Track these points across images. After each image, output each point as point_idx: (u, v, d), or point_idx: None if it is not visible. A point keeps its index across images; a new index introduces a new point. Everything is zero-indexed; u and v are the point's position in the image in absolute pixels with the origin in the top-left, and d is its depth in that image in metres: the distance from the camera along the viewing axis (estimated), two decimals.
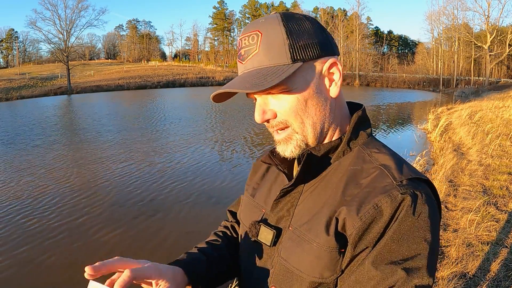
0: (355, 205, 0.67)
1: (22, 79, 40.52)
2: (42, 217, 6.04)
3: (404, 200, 0.64)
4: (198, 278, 0.86)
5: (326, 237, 0.68)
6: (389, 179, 0.67)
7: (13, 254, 4.89)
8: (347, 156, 0.75)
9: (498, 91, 30.07)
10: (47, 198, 6.92)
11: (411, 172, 0.70)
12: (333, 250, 0.67)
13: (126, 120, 17.52)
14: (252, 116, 9.75)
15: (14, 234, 5.45)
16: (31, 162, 9.62)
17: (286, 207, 0.78)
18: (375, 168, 0.71)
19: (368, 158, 0.73)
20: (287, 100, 0.72)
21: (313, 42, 0.71)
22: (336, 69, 0.73)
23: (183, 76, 48.37)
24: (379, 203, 0.65)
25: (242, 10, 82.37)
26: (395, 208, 0.64)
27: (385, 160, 0.72)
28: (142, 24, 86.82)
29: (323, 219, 0.70)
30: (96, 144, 11.83)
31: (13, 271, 4.49)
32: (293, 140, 0.74)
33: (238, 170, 8.69)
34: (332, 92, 0.74)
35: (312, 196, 0.75)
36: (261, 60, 0.70)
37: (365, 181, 0.70)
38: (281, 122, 0.74)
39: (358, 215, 0.65)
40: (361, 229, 0.65)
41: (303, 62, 0.70)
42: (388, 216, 0.64)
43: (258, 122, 0.75)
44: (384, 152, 0.75)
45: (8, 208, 6.46)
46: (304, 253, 0.71)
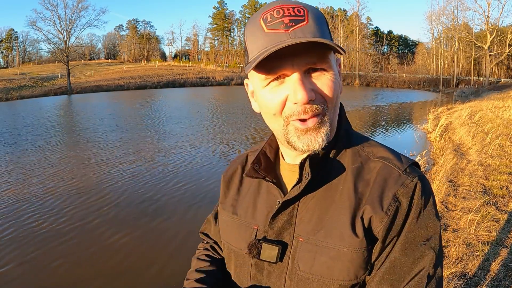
0: (376, 201, 0.67)
1: (22, 79, 40.51)
2: (53, 219, 5.99)
3: (416, 186, 0.68)
4: None
5: (356, 239, 0.67)
6: (395, 170, 0.70)
7: (25, 258, 4.85)
8: (342, 155, 0.74)
9: (498, 91, 30.05)
10: (56, 199, 6.89)
11: (406, 158, 0.73)
12: (365, 250, 0.67)
13: (131, 120, 17.52)
14: (259, 116, 9.58)
15: (24, 238, 5.38)
16: (37, 162, 9.59)
17: (284, 218, 0.74)
18: (376, 162, 0.72)
19: (363, 153, 0.74)
20: (330, 81, 0.68)
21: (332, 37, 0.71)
22: (341, 64, 0.72)
23: (183, 76, 48.35)
24: (397, 195, 0.67)
25: (242, 10, 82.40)
26: (411, 195, 0.67)
27: (379, 152, 0.74)
28: (142, 24, 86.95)
29: (342, 222, 0.68)
30: (102, 144, 11.79)
31: (24, 275, 4.46)
32: (325, 128, 0.68)
33: None
34: (341, 85, 0.74)
35: (314, 201, 0.72)
36: (313, 32, 0.65)
37: (372, 176, 0.70)
38: (321, 102, 0.68)
39: (383, 211, 0.66)
40: (388, 223, 0.67)
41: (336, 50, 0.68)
42: (406, 204, 0.67)
43: (303, 101, 0.65)
44: (374, 144, 0.76)
45: (17, 209, 6.43)
46: (331, 260, 0.68)
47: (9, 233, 5.48)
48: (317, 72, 0.68)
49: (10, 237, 5.38)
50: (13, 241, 5.24)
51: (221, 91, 37.42)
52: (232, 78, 48.92)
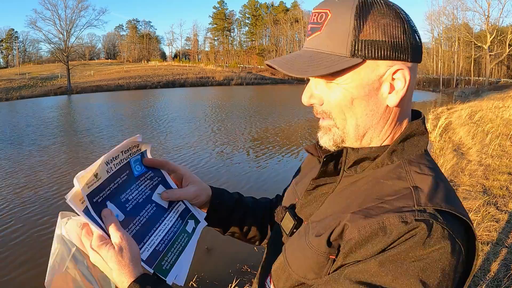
0: (361, 215, 0.61)
1: (22, 79, 40.50)
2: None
3: (416, 228, 0.55)
4: (219, 207, 0.92)
5: (317, 239, 0.65)
6: (411, 202, 0.59)
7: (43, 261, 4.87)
8: (384, 168, 0.68)
9: (498, 91, 30.06)
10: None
11: (445, 203, 0.59)
12: (321, 254, 0.63)
13: (136, 120, 17.54)
14: (261, 115, 9.69)
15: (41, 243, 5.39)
16: (45, 163, 9.60)
17: (315, 202, 0.74)
18: (406, 189, 0.62)
19: (404, 176, 0.65)
20: (335, 93, 0.66)
21: (386, 40, 0.62)
22: (402, 77, 0.64)
23: (183, 76, 48.35)
24: (385, 221, 0.57)
25: (242, 10, 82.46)
26: (402, 233, 0.55)
27: (421, 182, 0.63)
28: (142, 24, 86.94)
29: (328, 222, 0.66)
30: (111, 144, 11.77)
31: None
32: (331, 132, 0.70)
33: (262, 171, 8.68)
34: (390, 101, 0.66)
35: (336, 198, 0.71)
36: (320, 43, 0.65)
37: (387, 198, 0.62)
38: (325, 112, 0.69)
39: (358, 226, 0.59)
40: (357, 241, 0.59)
41: (364, 59, 0.63)
42: (391, 238, 0.56)
43: (303, 103, 0.71)
44: (427, 174, 0.65)
45: (34, 211, 6.44)
46: (298, 249, 0.69)
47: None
48: (331, 83, 0.66)
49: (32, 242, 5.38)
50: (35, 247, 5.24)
51: (222, 91, 37.44)
52: (232, 78, 48.93)
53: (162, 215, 0.79)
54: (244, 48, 79.80)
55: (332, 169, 0.72)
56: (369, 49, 0.62)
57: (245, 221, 0.96)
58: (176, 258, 0.76)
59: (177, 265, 0.75)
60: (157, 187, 0.82)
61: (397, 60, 0.63)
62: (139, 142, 0.80)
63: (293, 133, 13.88)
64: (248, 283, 4.02)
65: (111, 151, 0.72)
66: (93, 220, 0.65)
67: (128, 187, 0.76)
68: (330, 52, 0.63)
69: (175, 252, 0.76)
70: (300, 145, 11.50)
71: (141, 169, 0.81)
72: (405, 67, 0.64)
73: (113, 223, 0.67)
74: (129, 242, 0.67)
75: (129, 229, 0.71)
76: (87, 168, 0.66)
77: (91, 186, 0.67)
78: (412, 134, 0.69)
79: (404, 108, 0.69)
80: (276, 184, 7.61)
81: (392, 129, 0.69)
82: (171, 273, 0.73)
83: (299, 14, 69.38)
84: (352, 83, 0.64)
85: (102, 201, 0.69)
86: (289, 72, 0.64)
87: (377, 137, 0.69)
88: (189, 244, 0.80)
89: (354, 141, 0.69)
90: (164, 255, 0.74)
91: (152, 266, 0.70)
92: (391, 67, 0.64)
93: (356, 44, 0.62)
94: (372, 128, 0.68)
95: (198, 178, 0.90)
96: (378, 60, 0.63)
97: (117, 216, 0.70)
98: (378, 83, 0.65)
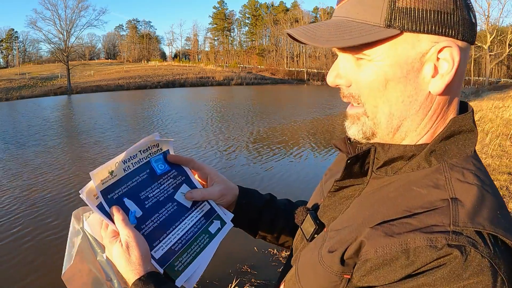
0: (381, 232, 0.50)
1: (22, 79, 40.51)
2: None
3: (448, 256, 0.45)
4: (246, 207, 0.87)
5: (330, 255, 0.56)
6: (446, 219, 0.48)
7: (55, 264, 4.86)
8: (419, 172, 0.56)
9: (498, 91, 30.03)
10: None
11: (489, 223, 0.47)
12: (334, 273, 0.54)
13: (141, 120, 17.48)
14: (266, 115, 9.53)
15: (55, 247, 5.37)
16: (52, 163, 9.57)
17: (339, 205, 0.64)
18: (443, 201, 0.50)
19: (442, 184, 0.52)
20: (366, 72, 0.56)
21: (431, 10, 0.50)
22: (449, 57, 0.52)
23: (183, 76, 48.36)
24: (410, 243, 0.47)
25: (242, 10, 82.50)
26: (430, 260, 0.45)
27: (463, 193, 0.51)
28: (142, 24, 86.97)
29: (345, 236, 0.56)
30: (117, 144, 11.74)
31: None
32: (360, 121, 0.59)
33: (271, 172, 8.61)
34: (433, 86, 0.54)
35: (362, 204, 0.60)
36: (350, 11, 0.55)
37: (418, 211, 0.51)
38: (353, 96, 0.59)
39: (376, 245, 0.49)
40: (374, 263, 0.49)
41: (402, 31, 0.52)
42: (414, 265, 0.46)
43: (328, 84, 0.61)
44: (472, 183, 0.52)
45: (45, 213, 6.43)
46: (309, 263, 0.61)
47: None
48: (361, 59, 0.56)
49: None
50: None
51: (222, 91, 37.42)
52: (232, 78, 48.93)
53: (183, 214, 0.77)
54: (244, 48, 79.83)
55: (358, 170, 0.62)
56: (409, 18, 0.51)
57: (276, 223, 0.88)
58: (191, 259, 0.73)
59: (191, 267, 0.72)
60: (180, 186, 0.81)
61: (444, 35, 0.51)
62: (157, 141, 0.80)
63: (300, 132, 13.88)
64: (248, 283, 4.02)
65: (128, 150, 0.73)
66: (106, 215, 0.67)
67: (149, 185, 0.76)
68: (361, 20, 0.53)
69: (191, 253, 0.74)
70: (309, 145, 11.50)
71: (164, 167, 0.81)
72: (454, 45, 0.51)
73: (120, 220, 0.66)
74: (137, 239, 0.65)
75: (146, 225, 0.71)
76: (102, 165, 0.68)
77: (105, 182, 0.68)
78: (458, 132, 0.56)
79: (450, 98, 0.57)
80: (291, 185, 7.58)
81: (434, 123, 0.57)
82: (182, 275, 0.70)
83: (299, 14, 69.40)
84: (386, 60, 0.53)
85: (119, 198, 0.70)
86: (310, 41, 0.54)
87: (414, 131, 0.57)
88: (209, 245, 0.77)
89: (386, 134, 0.58)
90: (179, 256, 0.72)
91: (163, 266, 0.69)
92: (436, 44, 0.52)
93: (392, 12, 0.51)
94: (409, 119, 0.56)
95: (224, 177, 0.86)
96: (419, 33, 0.51)
97: (135, 212, 0.70)
98: (420, 62, 0.53)
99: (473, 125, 0.57)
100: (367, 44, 0.53)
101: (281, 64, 65.50)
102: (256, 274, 4.34)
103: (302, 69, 59.44)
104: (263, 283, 4.18)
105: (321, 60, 60.19)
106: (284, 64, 65.32)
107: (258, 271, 4.41)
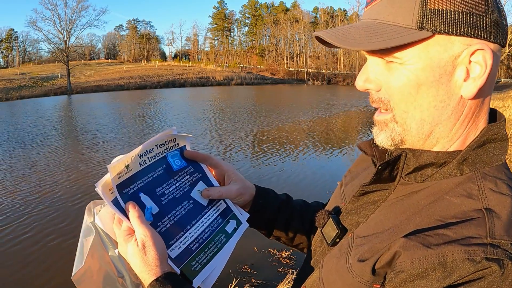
0: (417, 243, 0.49)
1: (22, 79, 40.51)
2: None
3: (486, 269, 0.44)
4: (262, 207, 0.84)
5: (360, 264, 0.54)
6: (483, 231, 0.47)
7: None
8: (451, 180, 0.54)
9: (498, 91, 30.05)
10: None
11: None
12: (364, 282, 0.53)
13: (148, 120, 17.47)
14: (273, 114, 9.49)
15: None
16: (60, 164, 9.58)
17: (364, 210, 0.63)
18: (477, 212, 0.49)
19: (476, 194, 0.51)
20: (397, 76, 0.54)
21: (463, 11, 0.49)
22: (482, 60, 0.50)
23: (183, 76, 48.35)
24: (448, 256, 0.46)
25: (242, 10, 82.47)
26: (467, 273, 0.44)
27: (498, 204, 0.50)
28: (142, 24, 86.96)
29: (376, 244, 0.54)
30: (125, 144, 11.74)
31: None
32: (389, 128, 0.58)
33: (284, 174, 8.58)
34: (465, 90, 0.52)
35: (389, 210, 0.58)
36: (380, 12, 0.53)
37: (452, 221, 0.49)
38: (382, 101, 0.57)
39: (412, 257, 0.48)
40: (409, 274, 0.47)
41: (434, 33, 0.50)
42: (452, 278, 0.45)
43: (357, 88, 0.60)
44: (506, 193, 0.51)
45: (56, 216, 6.42)
46: (336, 271, 0.59)
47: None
48: (392, 63, 0.54)
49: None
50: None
51: (223, 91, 37.42)
52: (232, 78, 48.92)
53: (199, 212, 0.75)
54: (244, 48, 79.83)
55: (387, 175, 0.60)
56: (441, 20, 0.50)
57: (290, 224, 0.87)
58: (208, 259, 0.70)
59: (208, 267, 0.70)
60: (197, 183, 0.78)
61: (477, 37, 0.50)
62: (175, 136, 0.77)
63: (306, 131, 13.88)
64: (248, 283, 4.02)
65: (145, 143, 0.71)
66: (121, 211, 0.64)
67: (165, 181, 0.73)
68: (392, 22, 0.52)
69: (208, 253, 0.71)
70: (318, 144, 11.50)
71: (181, 163, 0.78)
72: (486, 47, 0.50)
73: (136, 217, 0.62)
74: (154, 238, 0.62)
75: (163, 222, 0.68)
76: (119, 158, 0.66)
77: (121, 176, 0.65)
78: (491, 140, 0.55)
79: (481, 103, 0.55)
80: (307, 186, 7.58)
81: (465, 129, 0.56)
82: (199, 276, 0.68)
83: (299, 14, 69.39)
84: (418, 63, 0.52)
85: (134, 193, 0.67)
86: (341, 44, 0.53)
87: (446, 137, 0.56)
88: (226, 245, 0.74)
89: (417, 141, 0.57)
90: (196, 255, 0.69)
91: (180, 266, 0.66)
92: (469, 47, 0.50)
93: (424, 14, 0.50)
94: (441, 125, 0.55)
95: (241, 176, 0.84)
96: (452, 35, 0.50)
97: (151, 209, 0.67)
98: (452, 66, 0.52)
99: (505, 133, 0.55)
100: (398, 47, 0.51)
101: (281, 64, 65.50)
102: (256, 274, 4.34)
103: (302, 69, 59.43)
104: (263, 283, 4.18)
105: (321, 60, 60.20)
106: (284, 64, 65.32)
107: (258, 271, 4.41)
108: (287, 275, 4.02)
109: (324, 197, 0.76)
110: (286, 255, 4.71)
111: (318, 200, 0.97)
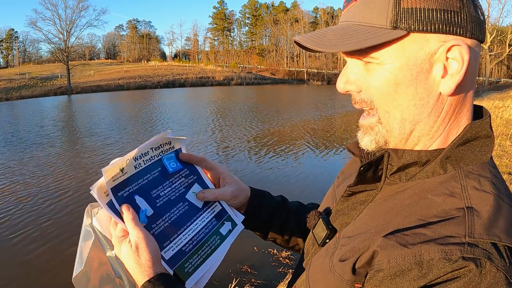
0: (394, 242, 0.49)
1: (22, 79, 40.51)
2: None
3: (462, 269, 0.43)
4: (257, 209, 0.85)
5: (341, 264, 0.55)
6: (462, 230, 0.46)
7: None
8: (434, 179, 0.54)
9: (498, 91, 30.04)
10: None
11: (506, 234, 0.46)
12: (345, 281, 0.54)
13: (153, 120, 17.44)
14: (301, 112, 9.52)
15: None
16: (69, 164, 9.57)
17: (352, 211, 0.63)
18: (458, 210, 0.49)
19: (458, 192, 0.51)
20: (375, 75, 0.55)
21: (437, 9, 0.50)
22: (458, 56, 0.50)
23: (183, 76, 48.36)
24: (424, 255, 0.45)
25: (242, 10, 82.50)
26: (443, 273, 0.44)
27: (480, 202, 0.49)
28: (142, 24, 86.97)
29: (357, 244, 0.55)
30: (127, 143, 11.74)
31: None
32: (374, 131, 0.58)
33: (283, 174, 8.59)
34: (443, 86, 0.52)
35: (375, 210, 0.58)
36: (356, 14, 0.54)
37: (432, 220, 0.49)
38: (365, 102, 0.58)
39: (389, 256, 0.48)
40: (386, 274, 0.47)
41: (408, 32, 0.51)
42: (427, 278, 0.45)
43: (338, 90, 0.60)
44: (488, 191, 0.50)
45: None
46: (320, 270, 0.60)
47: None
48: (370, 63, 0.55)
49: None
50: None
51: (223, 91, 37.42)
52: (232, 78, 48.94)
53: (194, 214, 0.75)
54: (244, 48, 79.84)
55: (372, 176, 0.60)
56: (415, 19, 0.50)
57: (287, 226, 0.87)
58: (202, 261, 0.71)
59: (201, 269, 0.70)
60: (192, 185, 0.79)
61: (452, 34, 0.50)
62: (170, 139, 0.78)
63: (307, 131, 13.88)
64: (248, 283, 4.02)
65: (140, 147, 0.72)
66: (116, 213, 0.65)
67: (160, 183, 0.74)
68: (367, 23, 0.52)
69: (202, 255, 0.72)
70: (315, 144, 11.50)
71: (176, 166, 0.79)
72: (462, 43, 0.50)
73: (130, 219, 0.64)
74: (147, 240, 0.63)
75: (157, 224, 0.69)
76: (113, 162, 0.67)
77: (116, 180, 0.66)
78: (474, 137, 0.54)
79: (462, 99, 0.55)
80: (308, 188, 7.57)
81: (446, 126, 0.55)
82: (192, 277, 0.69)
83: (299, 14, 69.43)
84: (395, 62, 0.52)
85: (129, 195, 0.68)
86: (317, 47, 0.54)
87: (427, 135, 0.56)
88: (220, 247, 0.76)
89: (399, 141, 0.57)
90: (190, 257, 0.70)
91: (173, 268, 0.67)
92: (444, 43, 0.51)
93: (398, 13, 0.50)
94: (421, 123, 0.55)
95: (236, 178, 0.84)
96: (426, 33, 0.50)
97: (146, 211, 0.68)
98: (429, 63, 0.52)
99: (490, 130, 0.55)
100: (374, 47, 0.52)
101: (281, 64, 65.53)
102: (256, 274, 4.34)
103: (302, 69, 59.45)
104: (263, 283, 4.18)
105: (321, 60, 60.16)
106: (284, 64, 65.34)
107: (258, 271, 4.41)
108: (287, 275, 4.02)
109: (323, 198, 0.77)
110: (286, 255, 4.71)
111: (317, 201, 0.97)
